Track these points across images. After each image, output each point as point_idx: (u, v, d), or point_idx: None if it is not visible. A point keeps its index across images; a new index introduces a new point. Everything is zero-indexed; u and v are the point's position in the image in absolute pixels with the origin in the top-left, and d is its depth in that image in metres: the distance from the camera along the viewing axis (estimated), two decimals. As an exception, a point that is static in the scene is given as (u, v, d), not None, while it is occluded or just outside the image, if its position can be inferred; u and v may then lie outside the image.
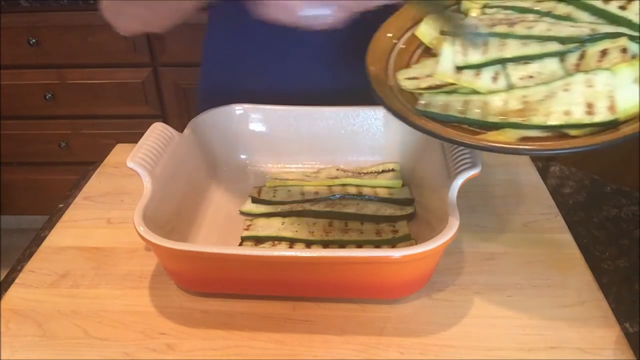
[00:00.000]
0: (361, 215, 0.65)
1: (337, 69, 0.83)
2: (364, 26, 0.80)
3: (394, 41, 0.64)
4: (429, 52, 0.63)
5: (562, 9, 0.59)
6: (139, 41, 1.64)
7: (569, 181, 0.77)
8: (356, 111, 0.74)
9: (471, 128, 0.53)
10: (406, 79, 0.59)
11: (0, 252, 1.86)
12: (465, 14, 0.64)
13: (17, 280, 0.60)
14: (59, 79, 1.71)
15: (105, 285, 0.60)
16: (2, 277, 0.63)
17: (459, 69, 0.57)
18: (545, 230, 0.65)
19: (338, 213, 0.65)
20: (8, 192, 1.96)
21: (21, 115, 1.79)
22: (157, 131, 0.64)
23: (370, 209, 0.65)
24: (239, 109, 0.75)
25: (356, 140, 0.75)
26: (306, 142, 0.75)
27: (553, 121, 0.50)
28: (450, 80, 0.57)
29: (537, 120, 0.50)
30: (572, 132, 0.50)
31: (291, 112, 0.75)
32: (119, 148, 0.84)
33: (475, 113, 0.53)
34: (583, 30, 0.55)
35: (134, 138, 0.64)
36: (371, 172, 0.73)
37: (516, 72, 0.55)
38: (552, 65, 0.54)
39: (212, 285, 0.57)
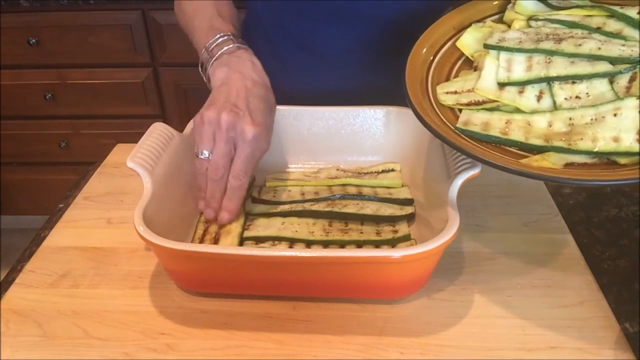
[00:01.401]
0: (361, 215, 0.65)
1: (337, 69, 0.83)
2: (365, 26, 0.81)
3: (431, 55, 0.61)
4: (470, 64, 0.60)
5: (613, 25, 0.56)
6: (139, 41, 1.64)
7: (569, 181, 0.77)
8: (356, 111, 0.74)
9: (512, 149, 0.51)
10: (446, 93, 0.57)
11: (0, 252, 1.86)
12: (509, 25, 0.61)
13: (17, 280, 0.60)
14: (59, 79, 1.71)
15: (105, 285, 0.60)
16: (2, 277, 0.63)
17: (502, 85, 0.55)
18: (545, 230, 0.65)
19: (338, 213, 0.65)
20: (8, 192, 1.96)
21: (21, 115, 1.79)
22: (157, 131, 0.64)
23: (370, 209, 0.65)
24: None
25: (356, 140, 0.75)
26: (306, 142, 0.75)
27: (601, 147, 0.47)
28: (492, 97, 0.55)
29: (583, 145, 0.47)
30: (622, 160, 0.47)
31: (291, 112, 0.75)
32: (119, 148, 0.84)
33: (517, 134, 0.51)
34: (635, 50, 0.52)
35: (134, 138, 0.64)
36: (371, 172, 0.73)
37: (562, 92, 0.52)
38: (601, 87, 0.51)
39: (212, 285, 0.57)
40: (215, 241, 0.62)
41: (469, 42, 0.61)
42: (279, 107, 0.75)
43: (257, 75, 0.65)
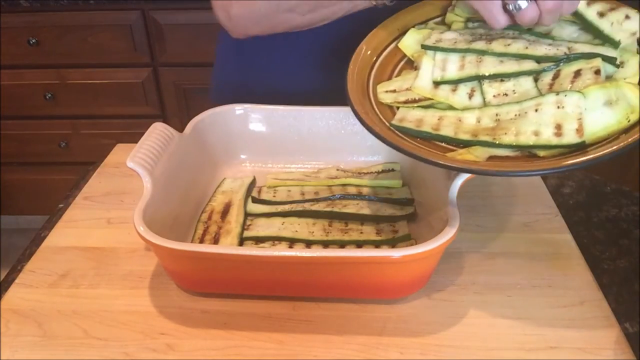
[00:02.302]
0: (361, 215, 0.65)
1: (338, 68, 0.83)
2: (365, 26, 0.80)
3: (374, 56, 0.63)
4: (412, 65, 0.62)
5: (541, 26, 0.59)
6: (139, 41, 1.64)
7: (569, 181, 0.77)
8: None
9: (443, 144, 0.54)
10: (385, 92, 0.59)
11: (0, 252, 1.86)
12: (449, 26, 0.64)
13: (17, 280, 0.60)
14: (59, 79, 1.71)
15: (105, 285, 0.60)
16: (2, 277, 0.63)
17: (437, 84, 0.58)
18: (545, 230, 0.65)
19: (338, 213, 0.65)
20: (8, 192, 1.96)
21: (21, 115, 1.79)
22: (157, 131, 0.64)
23: (370, 209, 0.65)
24: (239, 109, 0.75)
25: (356, 140, 0.75)
26: (306, 142, 0.75)
27: (522, 141, 0.50)
28: (428, 95, 0.57)
29: (507, 139, 0.50)
30: (541, 152, 0.50)
31: (291, 112, 0.75)
32: (119, 148, 0.84)
33: (447, 130, 0.54)
34: (560, 49, 0.55)
35: (134, 138, 0.64)
36: (371, 172, 0.73)
37: (491, 90, 0.55)
38: (526, 84, 0.54)
39: (212, 285, 0.57)
40: (215, 241, 0.62)
41: (409, 43, 0.63)
42: (279, 107, 0.75)
43: None
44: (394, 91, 0.59)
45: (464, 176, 0.55)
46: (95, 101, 1.74)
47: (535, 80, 0.55)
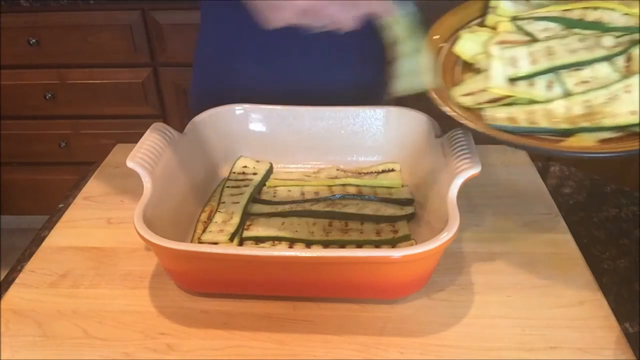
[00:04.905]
0: (361, 215, 0.65)
1: (337, 68, 0.84)
2: (364, 26, 0.80)
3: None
4: (470, 68, 0.63)
5: (592, 14, 0.61)
6: (139, 41, 1.64)
7: (569, 181, 0.77)
8: (356, 111, 0.74)
9: (542, 137, 0.54)
10: (462, 95, 0.60)
11: (0, 252, 1.86)
12: (494, 27, 0.64)
13: (17, 280, 0.60)
14: (59, 79, 1.71)
15: (105, 285, 0.60)
16: (2, 277, 0.63)
17: (512, 80, 0.58)
18: (545, 230, 0.65)
19: (338, 213, 0.65)
20: (8, 192, 1.96)
21: (21, 115, 1.79)
22: (157, 131, 0.64)
23: (370, 209, 0.65)
24: (239, 109, 0.75)
25: (356, 140, 0.75)
26: (306, 142, 0.75)
27: (622, 122, 0.52)
28: (506, 93, 0.58)
29: (607, 122, 0.52)
30: None
31: (291, 112, 0.75)
32: (119, 148, 0.84)
33: (544, 122, 0.55)
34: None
35: (134, 138, 0.64)
36: (371, 172, 0.73)
37: (571, 79, 0.57)
38: (603, 70, 0.56)
39: (212, 285, 0.57)
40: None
41: (465, 47, 0.64)
42: (279, 107, 0.75)
43: None
44: (470, 94, 0.60)
45: (465, 176, 0.55)
46: (95, 101, 1.74)
47: (610, 65, 0.57)
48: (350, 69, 0.85)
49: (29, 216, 2.00)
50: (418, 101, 0.65)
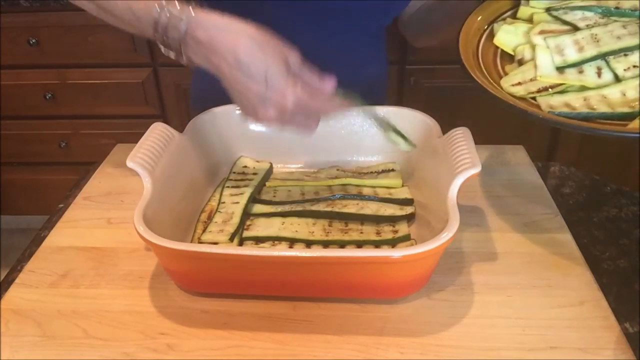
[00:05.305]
0: (361, 215, 0.65)
1: (337, 70, 0.83)
2: (364, 29, 0.80)
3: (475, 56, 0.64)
4: (510, 59, 0.63)
5: (628, 3, 0.61)
6: (139, 41, 1.63)
7: (569, 181, 0.77)
8: (356, 111, 0.74)
9: (602, 122, 0.54)
10: (512, 85, 0.60)
11: (0, 252, 1.86)
12: (529, 20, 0.65)
13: (17, 280, 0.60)
14: (59, 79, 1.71)
15: (105, 285, 0.60)
16: (2, 277, 0.63)
17: (561, 69, 0.58)
18: (545, 230, 0.65)
19: (338, 213, 0.65)
20: (8, 192, 1.96)
21: (21, 115, 1.79)
22: (157, 131, 0.64)
23: (370, 209, 0.65)
24: (239, 109, 0.75)
25: (356, 140, 0.75)
26: (306, 142, 0.75)
27: None
28: (557, 81, 0.58)
29: None
30: None
31: (291, 112, 0.74)
32: (119, 148, 0.84)
33: (603, 107, 0.55)
34: None
35: (134, 138, 0.64)
36: (371, 172, 0.73)
37: (620, 65, 0.57)
38: None
39: (212, 285, 0.57)
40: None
41: (505, 39, 0.64)
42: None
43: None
44: (520, 84, 0.59)
45: (465, 176, 0.55)
46: (95, 101, 1.74)
47: None
48: (350, 69, 0.85)
49: (29, 216, 2.00)
50: (418, 101, 0.65)
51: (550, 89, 0.58)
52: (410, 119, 0.72)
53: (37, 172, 1.91)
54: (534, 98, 0.58)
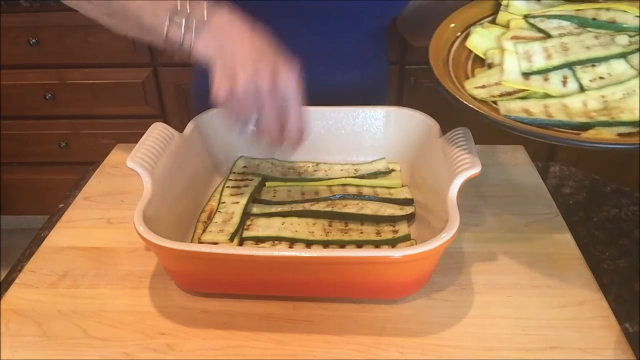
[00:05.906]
0: (361, 215, 0.65)
1: (338, 70, 0.84)
2: (364, 29, 0.80)
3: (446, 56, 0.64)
4: (481, 63, 0.63)
5: (605, 14, 0.62)
6: (139, 41, 1.64)
7: (569, 181, 0.77)
8: (356, 111, 0.74)
9: (558, 130, 0.54)
10: (475, 88, 0.60)
11: (0, 252, 1.86)
12: (505, 25, 0.65)
13: (17, 280, 0.60)
14: (59, 79, 1.71)
15: (105, 285, 0.60)
16: (2, 277, 0.63)
17: (527, 75, 0.58)
18: (545, 230, 0.65)
19: (338, 213, 0.65)
20: (8, 192, 1.96)
21: (21, 115, 1.79)
22: (157, 131, 0.64)
23: (370, 209, 0.65)
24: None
25: (356, 140, 0.75)
26: (306, 142, 0.75)
27: None
28: (521, 87, 0.58)
29: (625, 117, 0.52)
30: None
31: (291, 112, 0.74)
32: (119, 148, 0.84)
33: (561, 115, 0.54)
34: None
35: (134, 138, 0.64)
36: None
37: (586, 75, 0.57)
38: (619, 66, 0.57)
39: (212, 285, 0.57)
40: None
41: (477, 42, 0.64)
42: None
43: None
44: (484, 87, 0.60)
45: (465, 176, 0.55)
46: (95, 101, 1.74)
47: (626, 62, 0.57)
48: (350, 70, 0.85)
49: (29, 216, 2.00)
50: (418, 101, 0.65)
51: (512, 95, 0.58)
52: (410, 119, 0.72)
53: (37, 172, 1.91)
54: (495, 102, 0.58)
